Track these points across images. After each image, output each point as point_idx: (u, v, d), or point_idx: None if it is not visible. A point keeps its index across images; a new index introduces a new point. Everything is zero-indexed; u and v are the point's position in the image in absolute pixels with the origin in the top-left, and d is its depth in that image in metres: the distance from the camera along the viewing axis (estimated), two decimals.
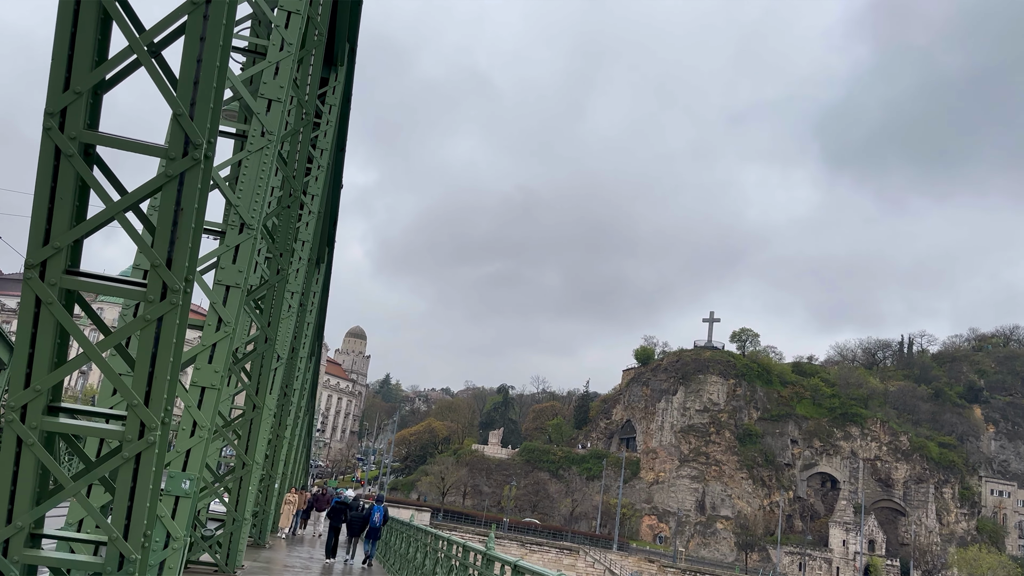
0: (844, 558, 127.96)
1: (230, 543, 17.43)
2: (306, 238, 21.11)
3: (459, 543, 12.28)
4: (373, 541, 25.53)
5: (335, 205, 27.70)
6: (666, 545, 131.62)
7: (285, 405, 27.05)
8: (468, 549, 11.55)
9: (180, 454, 10.04)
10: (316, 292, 30.77)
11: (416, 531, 20.68)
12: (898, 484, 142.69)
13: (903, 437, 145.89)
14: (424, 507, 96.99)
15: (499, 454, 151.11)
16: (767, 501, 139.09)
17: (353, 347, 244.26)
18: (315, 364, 42.62)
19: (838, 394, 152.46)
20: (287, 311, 20.76)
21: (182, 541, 9.86)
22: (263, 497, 27.11)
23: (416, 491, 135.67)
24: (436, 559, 14.86)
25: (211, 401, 10.22)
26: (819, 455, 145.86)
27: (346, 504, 26.65)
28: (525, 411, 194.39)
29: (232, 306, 10.46)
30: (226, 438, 16.92)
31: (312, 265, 26.17)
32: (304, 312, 26.55)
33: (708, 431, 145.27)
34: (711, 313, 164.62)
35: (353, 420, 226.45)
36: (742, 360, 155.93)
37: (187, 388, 10.23)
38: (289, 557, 24.58)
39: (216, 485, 17.25)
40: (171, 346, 6.92)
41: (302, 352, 29.33)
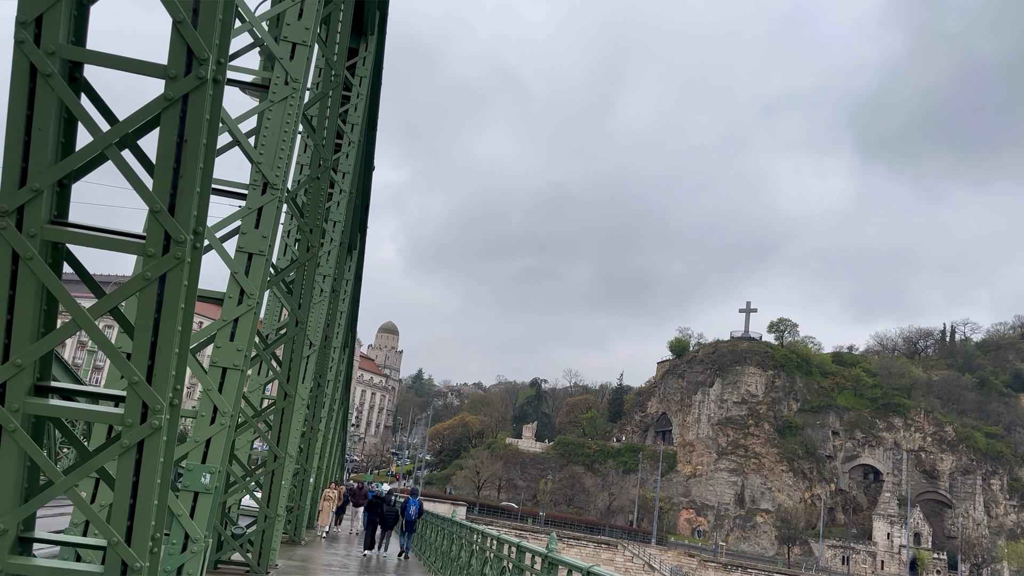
0: (889, 551, 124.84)
1: (262, 541, 16.35)
2: (337, 218, 19.98)
3: (511, 542, 10.99)
4: (409, 534, 25.99)
5: (367, 188, 26.56)
6: (704, 539, 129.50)
7: (319, 396, 26.02)
8: (524, 550, 10.26)
9: (199, 444, 8.87)
10: (349, 280, 29.71)
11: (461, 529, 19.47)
12: (944, 475, 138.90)
13: (948, 427, 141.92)
14: (459, 501, 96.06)
15: (533, 448, 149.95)
16: (808, 494, 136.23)
17: (386, 342, 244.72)
18: (349, 356, 41.67)
19: (880, 384, 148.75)
20: (319, 296, 19.65)
21: (203, 543, 8.69)
22: (298, 492, 26.14)
23: (451, 485, 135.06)
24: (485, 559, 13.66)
25: (234, 384, 9.04)
26: (861, 446, 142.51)
27: (381, 498, 26.98)
28: (558, 405, 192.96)
29: (255, 276, 9.27)
30: (256, 429, 15.82)
31: (344, 250, 25.07)
32: (336, 299, 25.46)
33: (746, 423, 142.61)
34: (748, 303, 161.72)
35: (387, 415, 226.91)
36: (780, 351, 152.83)
37: (206, 369, 9.06)
38: (326, 554, 23.55)
39: (247, 479, 16.16)
40: (177, 311, 5.72)
41: (335, 342, 28.29)
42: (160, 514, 6.19)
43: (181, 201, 5.65)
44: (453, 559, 19.66)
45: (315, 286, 19.44)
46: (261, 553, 16.46)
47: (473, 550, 16.70)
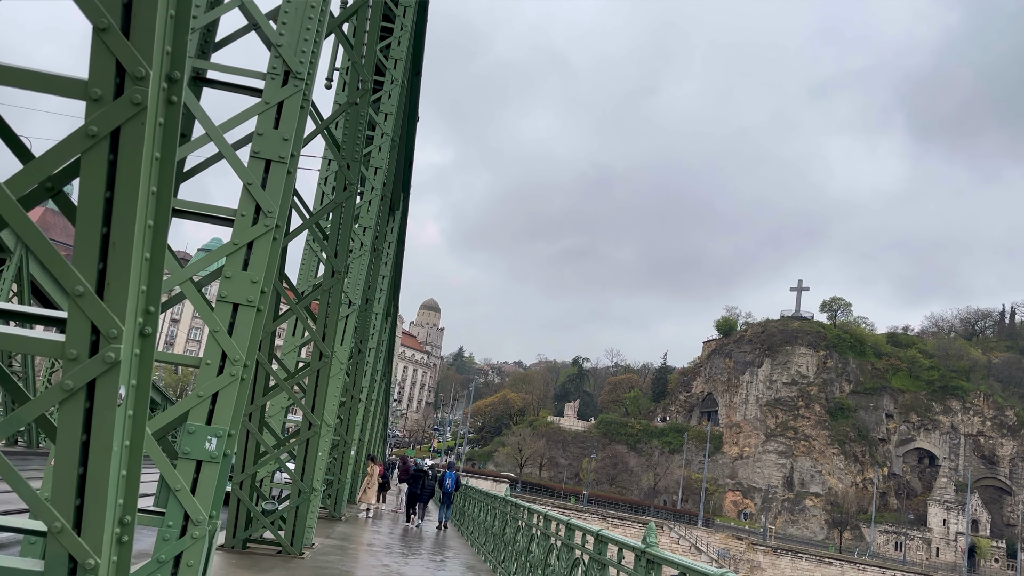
0: (944, 538, 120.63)
1: (296, 519, 14.62)
2: (379, 164, 18.03)
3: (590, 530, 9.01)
4: (447, 506, 27.64)
5: (411, 141, 24.57)
6: (751, 521, 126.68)
7: (360, 363, 24.29)
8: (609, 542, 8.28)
9: (203, 399, 6.98)
10: (391, 243, 27.87)
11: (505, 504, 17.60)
12: (1003, 461, 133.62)
13: (1009, 412, 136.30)
14: (501, 478, 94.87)
15: (575, 426, 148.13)
16: (860, 478, 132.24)
17: (427, 319, 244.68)
18: (391, 325, 40.01)
19: (937, 366, 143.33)
20: (359, 250, 17.76)
21: (207, 526, 6.81)
22: (337, 465, 24.54)
23: (492, 462, 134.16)
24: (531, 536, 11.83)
25: (247, 324, 7.12)
26: (916, 430, 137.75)
27: (422, 471, 28.21)
28: (599, 384, 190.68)
29: (275, 189, 7.30)
30: (290, 394, 14.03)
31: (386, 205, 23.17)
32: (378, 259, 23.61)
33: (796, 405, 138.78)
34: (799, 281, 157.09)
35: (428, 391, 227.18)
36: (833, 331, 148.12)
37: (212, 306, 7.14)
38: (367, 532, 21.90)
39: (278, 451, 14.41)
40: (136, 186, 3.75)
41: (377, 307, 26.52)
42: (129, 490, 4.30)
43: (139, 21, 3.66)
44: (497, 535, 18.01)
45: (354, 236, 17.56)
46: (295, 532, 14.74)
47: (519, 526, 15.27)
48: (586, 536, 9.46)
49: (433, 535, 25.04)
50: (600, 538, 8.68)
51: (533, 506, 13.71)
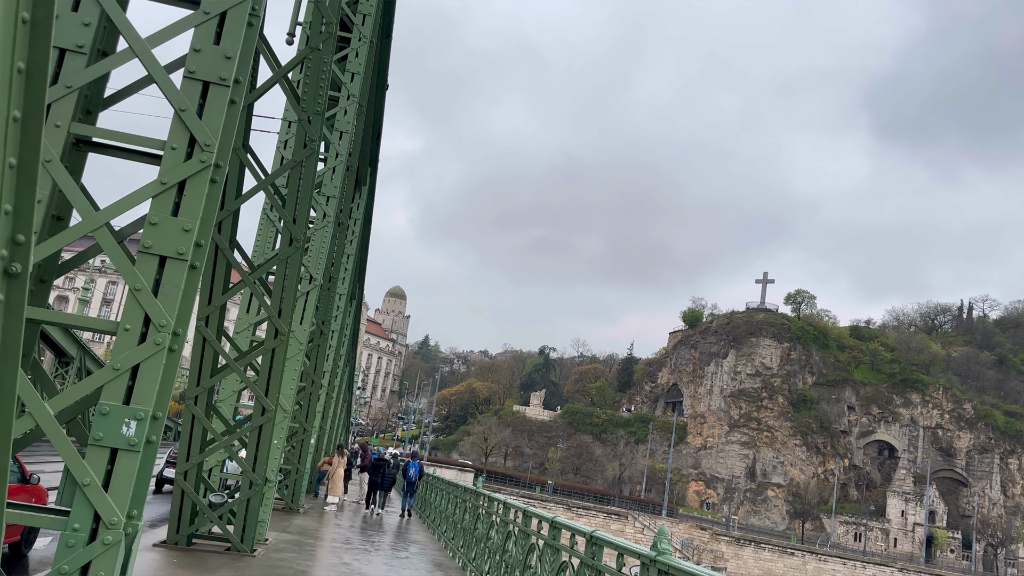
0: (903, 529, 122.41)
1: (247, 512, 13.29)
2: (344, 128, 16.66)
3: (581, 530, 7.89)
4: (410, 495, 27.94)
5: (379, 110, 23.14)
6: (714, 511, 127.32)
7: (321, 347, 22.91)
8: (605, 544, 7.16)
9: (120, 373, 5.67)
10: (357, 220, 26.45)
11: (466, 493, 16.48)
12: (960, 454, 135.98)
13: (967, 405, 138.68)
14: (467, 467, 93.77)
15: (541, 415, 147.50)
16: (821, 469, 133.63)
17: (393, 307, 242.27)
18: (356, 309, 38.51)
19: (898, 359, 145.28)
20: (321, 220, 16.39)
21: (123, 530, 5.53)
22: (295, 453, 23.16)
23: (458, 451, 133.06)
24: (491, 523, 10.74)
25: (176, 282, 5.81)
26: (877, 422, 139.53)
27: (383, 460, 28.57)
28: (565, 374, 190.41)
29: (214, 118, 5.99)
30: (240, 375, 12.67)
31: (352, 176, 21.76)
32: (343, 235, 22.21)
33: (760, 396, 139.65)
34: (764, 274, 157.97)
35: (393, 380, 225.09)
36: (797, 323, 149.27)
37: (134, 258, 5.83)
38: (327, 526, 20.58)
39: (228, 438, 13.06)
40: None
41: (341, 288, 25.12)
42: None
43: None
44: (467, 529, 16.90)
45: (315, 205, 16.19)
46: (246, 527, 13.40)
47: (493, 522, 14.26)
48: (575, 537, 8.31)
49: (396, 526, 24.46)
50: (594, 540, 7.53)
51: (512, 501, 12.53)
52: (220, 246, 11.77)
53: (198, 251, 6.10)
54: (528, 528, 10.68)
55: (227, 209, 11.67)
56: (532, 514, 10.66)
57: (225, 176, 6.34)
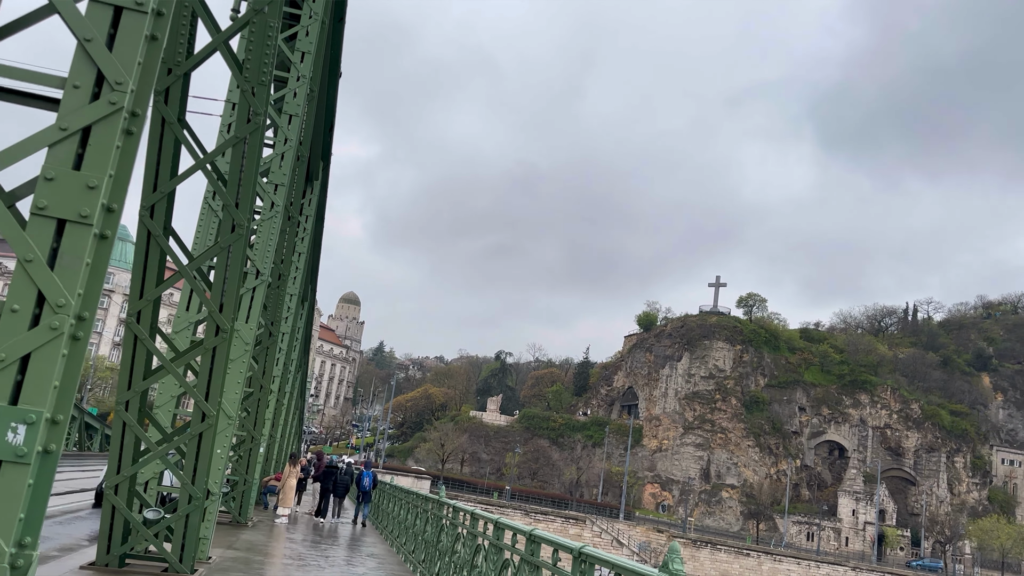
0: (853, 528, 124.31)
1: (186, 529, 12.00)
2: (293, 111, 15.47)
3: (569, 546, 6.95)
4: (365, 503, 27.85)
5: (331, 99, 21.92)
6: (669, 513, 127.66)
7: (271, 350, 21.58)
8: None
9: (5, 365, 4.53)
10: (309, 217, 25.15)
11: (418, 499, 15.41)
12: (908, 453, 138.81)
13: (914, 405, 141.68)
14: (423, 475, 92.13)
15: (498, 421, 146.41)
16: (774, 469, 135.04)
17: (347, 312, 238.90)
18: (308, 313, 37.00)
19: (847, 361, 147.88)
20: (269, 210, 15.18)
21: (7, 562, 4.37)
22: (243, 464, 21.76)
23: (414, 458, 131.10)
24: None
25: (79, 250, 4.69)
26: (827, 423, 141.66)
27: (335, 468, 28.34)
28: (522, 379, 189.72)
29: (127, 51, 4.88)
30: (177, 377, 11.41)
31: (302, 167, 20.52)
32: (293, 230, 20.94)
33: (714, 398, 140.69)
34: (717, 277, 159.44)
35: (347, 387, 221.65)
36: (749, 326, 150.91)
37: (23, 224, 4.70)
38: (276, 540, 19.25)
39: (164, 447, 11.78)
40: None
41: (292, 288, 23.80)
42: None
43: None
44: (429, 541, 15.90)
45: (262, 193, 14.97)
46: (185, 545, 12.12)
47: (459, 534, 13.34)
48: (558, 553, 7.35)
49: (350, 536, 23.67)
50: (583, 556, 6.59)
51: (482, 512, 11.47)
52: (152, 232, 10.54)
53: (109, 218, 4.98)
54: (501, 542, 9.68)
55: (160, 191, 10.46)
56: (505, 526, 9.66)
57: (144, 128, 5.22)
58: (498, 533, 9.87)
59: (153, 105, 10.32)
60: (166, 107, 10.22)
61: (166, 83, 10.08)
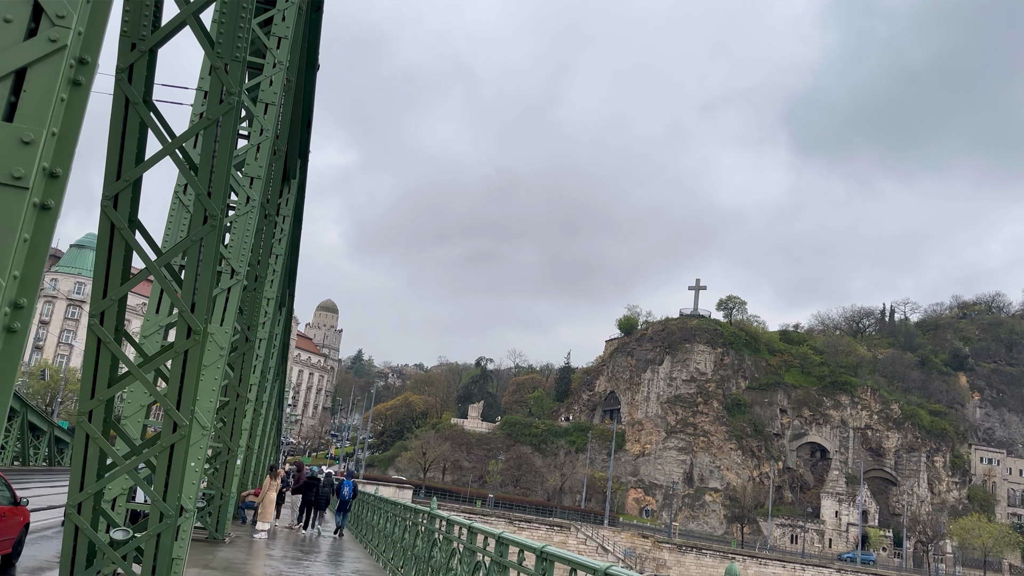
0: (837, 529, 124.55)
1: (157, 550, 11.01)
2: (270, 99, 14.57)
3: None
4: (344, 513, 28.19)
5: (309, 92, 21.01)
6: (653, 518, 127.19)
7: (248, 357, 20.57)
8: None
9: None
10: (286, 217, 24.17)
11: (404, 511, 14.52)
12: (889, 453, 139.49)
13: (894, 405, 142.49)
14: (405, 484, 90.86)
15: (479, 428, 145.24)
16: (756, 472, 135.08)
17: (324, 321, 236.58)
18: (286, 319, 35.91)
19: (827, 362, 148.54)
20: (244, 205, 14.25)
21: None
22: (219, 477, 20.71)
23: (395, 467, 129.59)
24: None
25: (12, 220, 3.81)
26: (808, 424, 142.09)
27: (315, 479, 28.28)
28: (503, 386, 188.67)
29: None
30: (145, 383, 10.46)
31: (279, 162, 19.59)
32: (270, 230, 19.98)
33: (695, 401, 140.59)
34: (697, 280, 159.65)
35: (325, 396, 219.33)
36: (729, 328, 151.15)
37: None
38: (255, 558, 18.22)
39: (132, 461, 10.79)
40: None
41: (269, 291, 22.81)
42: None
43: None
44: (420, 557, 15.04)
45: (238, 187, 14.05)
46: (156, 567, 11.12)
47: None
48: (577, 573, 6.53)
49: (332, 550, 23.16)
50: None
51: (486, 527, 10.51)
52: (116, 225, 9.58)
53: (52, 185, 4.10)
54: (505, 559, 8.83)
55: (125, 179, 9.51)
56: (508, 541, 8.82)
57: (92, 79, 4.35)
58: (501, 549, 9.03)
59: (116, 84, 9.42)
60: (130, 86, 9.29)
61: (130, 59, 9.16)
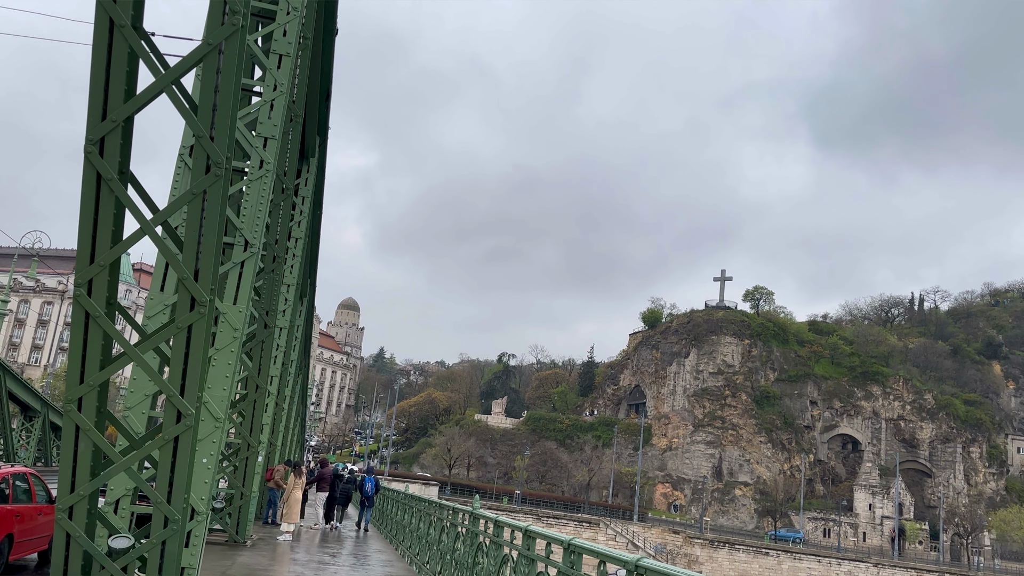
0: (871, 522, 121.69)
1: (162, 561, 9.47)
2: (284, 51, 12.94)
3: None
4: (367, 508, 28.71)
5: (327, 59, 19.40)
6: (681, 513, 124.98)
7: (267, 344, 19.06)
8: None
9: None
10: (306, 199, 22.64)
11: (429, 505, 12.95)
12: (923, 444, 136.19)
13: (928, 395, 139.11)
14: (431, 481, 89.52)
15: (503, 424, 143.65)
16: (787, 465, 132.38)
17: (346, 319, 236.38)
18: (308, 309, 34.42)
19: (857, 352, 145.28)
20: (257, 168, 12.65)
21: None
22: (239, 475, 19.24)
23: (419, 464, 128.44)
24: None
25: None
26: (839, 416, 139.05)
27: (338, 475, 29.11)
28: (525, 381, 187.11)
29: None
30: (141, 364, 8.91)
31: (297, 134, 18.02)
32: (288, 202, 18.43)
33: (723, 394, 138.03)
34: (723, 271, 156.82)
35: (348, 394, 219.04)
36: (757, 320, 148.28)
37: None
38: (279, 565, 16.70)
39: (130, 457, 9.26)
40: None
41: (289, 276, 21.28)
42: None
43: None
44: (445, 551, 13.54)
45: (251, 148, 12.46)
46: None
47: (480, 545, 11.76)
48: None
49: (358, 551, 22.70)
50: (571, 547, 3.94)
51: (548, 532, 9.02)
52: (103, 175, 8.03)
53: None
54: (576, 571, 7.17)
55: (112, 119, 7.95)
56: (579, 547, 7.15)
57: None
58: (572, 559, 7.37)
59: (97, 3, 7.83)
60: (114, 5, 7.72)
61: None
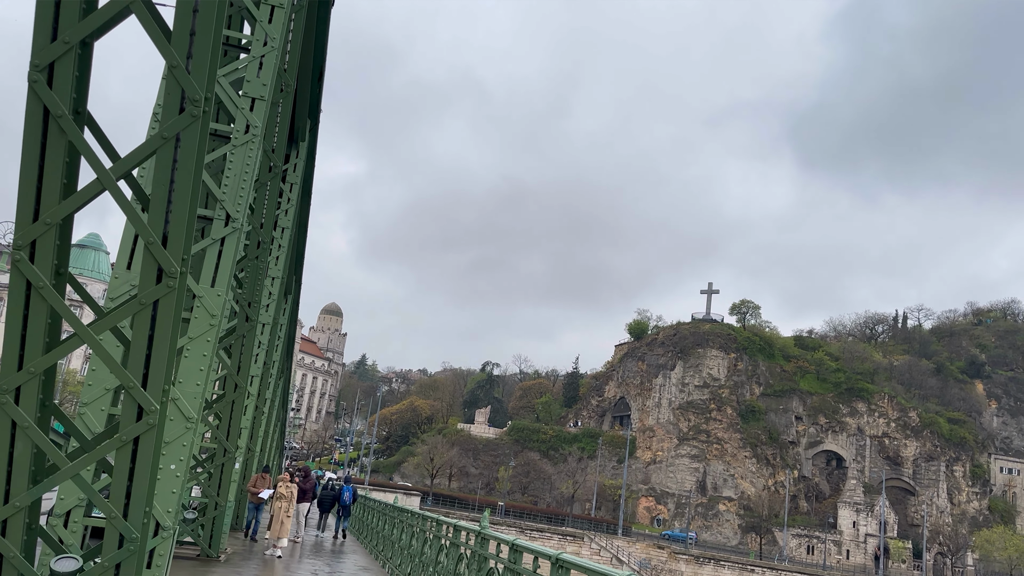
0: (854, 540, 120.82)
1: None
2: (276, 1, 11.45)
3: None
4: (345, 517, 29.75)
5: (321, 31, 17.88)
6: (665, 528, 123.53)
7: (248, 340, 17.43)
8: None
9: None
10: (295, 185, 21.07)
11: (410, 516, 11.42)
12: (907, 462, 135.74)
13: (912, 413, 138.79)
14: (412, 491, 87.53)
15: (486, 433, 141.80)
16: (771, 481, 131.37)
17: (329, 324, 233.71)
18: (292, 307, 32.76)
19: (843, 368, 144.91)
20: (243, 133, 11.11)
21: None
22: (214, 483, 17.56)
23: (400, 472, 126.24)
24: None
25: None
26: (824, 432, 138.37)
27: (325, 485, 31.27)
28: (508, 391, 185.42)
29: None
30: (98, 350, 7.31)
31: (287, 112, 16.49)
32: (276, 184, 16.88)
33: (708, 408, 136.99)
34: (709, 284, 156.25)
35: (329, 400, 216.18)
36: (743, 333, 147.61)
37: None
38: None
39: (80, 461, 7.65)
40: None
41: (275, 270, 19.68)
42: None
43: None
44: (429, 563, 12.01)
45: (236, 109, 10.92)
46: None
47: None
48: None
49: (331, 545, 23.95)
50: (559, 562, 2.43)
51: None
52: (52, 111, 6.46)
53: None
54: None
55: (63, 40, 6.40)
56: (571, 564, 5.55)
57: None
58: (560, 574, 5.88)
59: None
60: None
61: None
